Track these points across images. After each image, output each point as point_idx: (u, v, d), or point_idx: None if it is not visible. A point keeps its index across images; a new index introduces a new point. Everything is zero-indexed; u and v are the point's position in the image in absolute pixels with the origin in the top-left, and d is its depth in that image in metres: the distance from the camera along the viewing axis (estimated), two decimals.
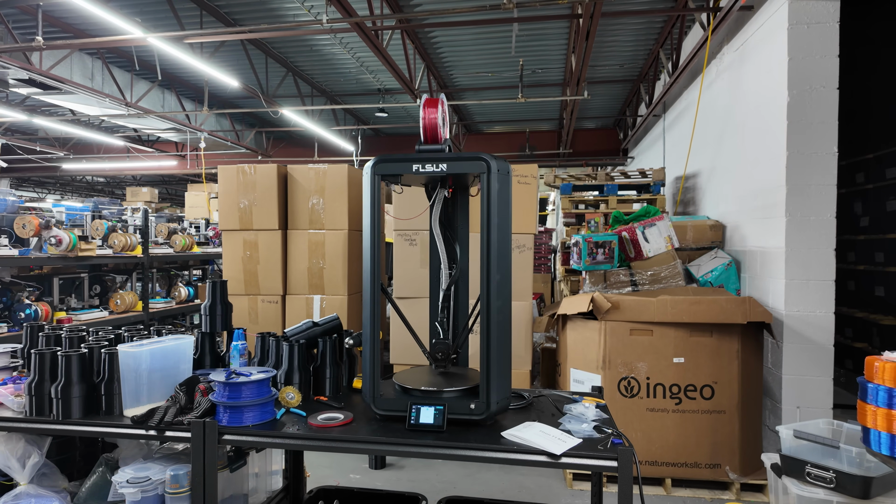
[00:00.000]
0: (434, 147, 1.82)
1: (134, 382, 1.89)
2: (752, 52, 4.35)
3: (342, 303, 4.00)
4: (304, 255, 4.05)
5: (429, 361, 2.01)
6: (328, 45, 7.27)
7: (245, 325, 4.10)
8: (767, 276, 3.99)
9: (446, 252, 1.95)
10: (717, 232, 4.92)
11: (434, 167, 1.75)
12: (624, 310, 3.40)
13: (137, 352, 1.87)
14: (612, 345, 3.42)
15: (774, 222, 3.86)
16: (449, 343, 1.95)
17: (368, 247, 1.81)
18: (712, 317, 3.26)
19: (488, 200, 1.73)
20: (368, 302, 1.81)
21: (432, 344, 1.97)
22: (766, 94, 4.03)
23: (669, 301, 3.33)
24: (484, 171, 1.73)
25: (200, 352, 2.36)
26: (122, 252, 5.76)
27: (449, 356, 1.95)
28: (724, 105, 4.98)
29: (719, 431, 3.35)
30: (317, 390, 2.13)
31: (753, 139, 4.27)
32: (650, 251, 4.72)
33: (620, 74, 8.16)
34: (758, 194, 4.16)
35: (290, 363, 2.06)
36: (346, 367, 2.28)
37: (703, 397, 3.36)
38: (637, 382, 3.40)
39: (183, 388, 1.93)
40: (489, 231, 1.73)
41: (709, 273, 4.57)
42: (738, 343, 3.34)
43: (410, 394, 1.85)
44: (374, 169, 1.78)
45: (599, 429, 1.75)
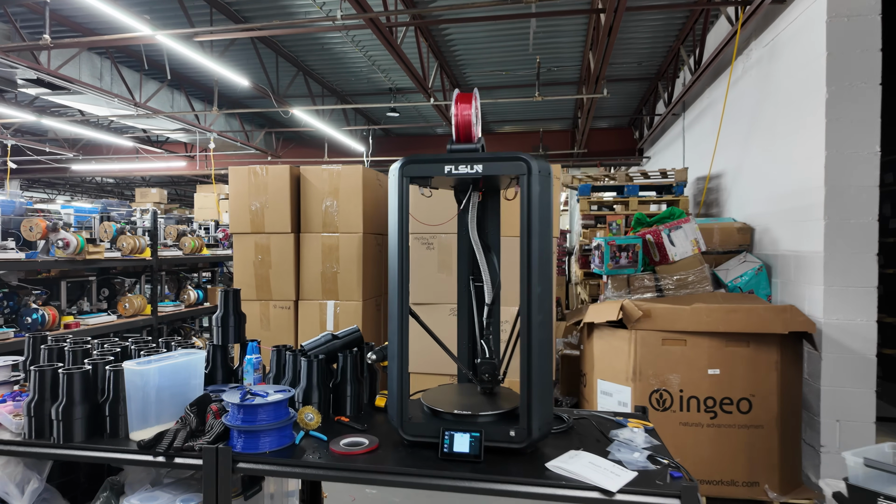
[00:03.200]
0: (468, 146, 1.66)
1: (141, 402, 1.74)
2: (783, 48, 4.16)
3: (357, 309, 3.85)
4: (318, 259, 3.91)
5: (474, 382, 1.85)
6: (340, 44, 7.14)
7: (256, 331, 3.96)
8: (803, 282, 3.80)
9: (486, 262, 1.79)
10: (745, 235, 4.73)
11: (468, 169, 1.58)
12: (656, 318, 3.22)
13: (145, 370, 1.73)
14: (643, 355, 3.24)
15: (811, 225, 3.66)
16: (495, 363, 1.78)
17: (395, 255, 1.65)
18: (750, 326, 3.08)
19: (529, 205, 1.56)
20: (396, 315, 1.65)
21: (477, 364, 1.80)
22: (800, 90, 3.84)
23: (704, 309, 3.15)
24: (524, 173, 1.56)
25: (212, 365, 2.21)
26: (130, 255, 5.64)
27: (497, 377, 1.79)
28: (752, 103, 4.78)
29: (757, 447, 3.17)
30: (337, 410, 1.98)
31: (786, 138, 4.08)
32: (676, 255, 4.53)
33: (637, 72, 7.96)
34: (791, 196, 3.97)
35: (309, 380, 1.91)
36: (367, 383, 2.12)
37: (739, 411, 3.18)
38: (669, 395, 3.22)
39: (194, 408, 1.78)
40: (530, 238, 1.56)
41: (738, 278, 4.38)
42: (777, 353, 3.15)
43: (441, 417, 1.69)
44: (403, 171, 1.62)
45: (654, 459, 1.58)
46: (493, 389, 1.83)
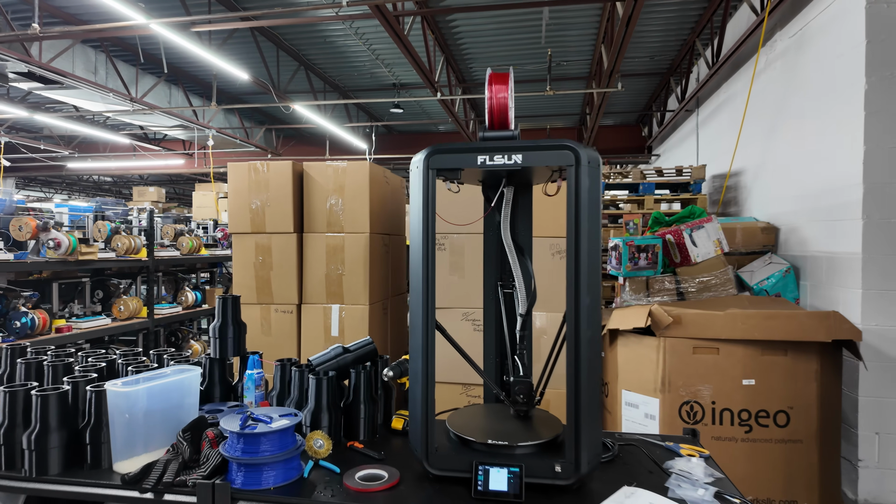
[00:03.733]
0: (503, 134, 1.43)
1: (126, 429, 1.51)
2: (814, 37, 3.93)
3: (363, 313, 3.63)
4: (322, 261, 3.68)
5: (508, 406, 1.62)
6: (342, 37, 6.90)
7: (257, 337, 3.74)
8: (836, 285, 3.58)
9: (521, 268, 1.56)
10: (770, 235, 4.51)
11: (505, 159, 1.36)
12: (686, 325, 3.00)
13: (131, 392, 1.50)
14: (673, 364, 3.02)
15: (847, 225, 3.44)
16: (531, 382, 1.56)
17: (419, 260, 1.43)
18: (790, 333, 2.86)
19: (577, 201, 1.34)
20: (420, 328, 1.43)
21: (509, 383, 1.58)
22: (834, 82, 3.61)
23: (740, 315, 2.92)
24: (571, 164, 1.34)
25: (209, 381, 1.99)
26: (125, 255, 5.42)
27: (533, 399, 1.56)
28: (777, 96, 4.55)
29: (795, 463, 2.95)
30: (349, 433, 1.76)
31: (817, 133, 3.85)
32: (698, 256, 4.31)
33: (648, 67, 7.73)
34: (824, 193, 3.74)
35: (318, 401, 1.69)
36: (382, 401, 1.90)
37: (776, 424, 2.96)
38: (701, 407, 3.00)
39: (187, 434, 1.55)
40: (577, 241, 1.34)
41: (764, 280, 4.16)
42: (817, 363, 2.93)
43: (472, 447, 1.47)
44: (428, 162, 1.39)
45: (721, 497, 1.36)
46: (528, 413, 1.60)
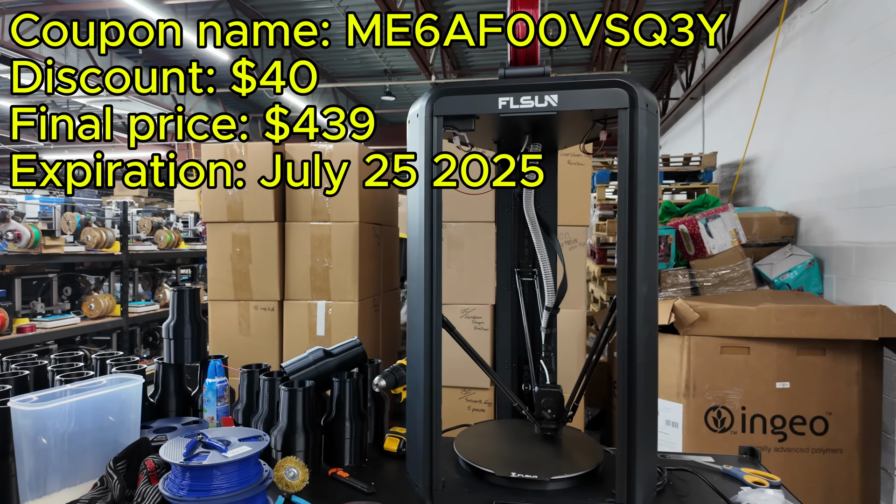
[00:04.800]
0: (532, 70, 1.09)
1: (37, 458, 1.16)
2: (842, 9, 3.63)
3: (352, 310, 3.28)
4: (306, 253, 3.33)
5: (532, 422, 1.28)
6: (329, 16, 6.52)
7: (235, 337, 3.38)
8: (869, 278, 3.28)
9: (547, 251, 1.22)
10: (789, 225, 4.21)
11: (536, 101, 1.02)
12: (713, 322, 2.68)
13: (41, 410, 1.15)
14: (698, 366, 2.70)
15: (884, 212, 3.14)
16: (562, 394, 1.23)
17: (421, 238, 1.09)
18: (831, 331, 2.55)
19: (632, 157, 1.00)
20: (421, 328, 1.09)
21: (536, 394, 1.24)
22: (866, 57, 3.31)
23: (774, 311, 2.61)
24: (625, 107, 1.00)
25: (162, 392, 1.64)
26: (96, 249, 5.02)
27: (565, 415, 1.23)
28: (797, 78, 4.25)
29: (835, 475, 2.64)
30: (331, 458, 1.41)
31: (846, 114, 3.55)
32: (714, 248, 4.01)
33: (650, 53, 7.43)
34: (854, 179, 3.44)
35: (292, 419, 1.34)
36: (373, 416, 1.56)
37: (813, 432, 2.65)
38: (729, 413, 2.69)
39: (121, 465, 1.20)
40: (633, 210, 1.00)
41: (786, 273, 3.86)
42: (859, 363, 2.63)
43: (488, 480, 1.13)
44: (433, 106, 1.05)
45: None
46: (556, 432, 1.27)
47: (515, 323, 1.44)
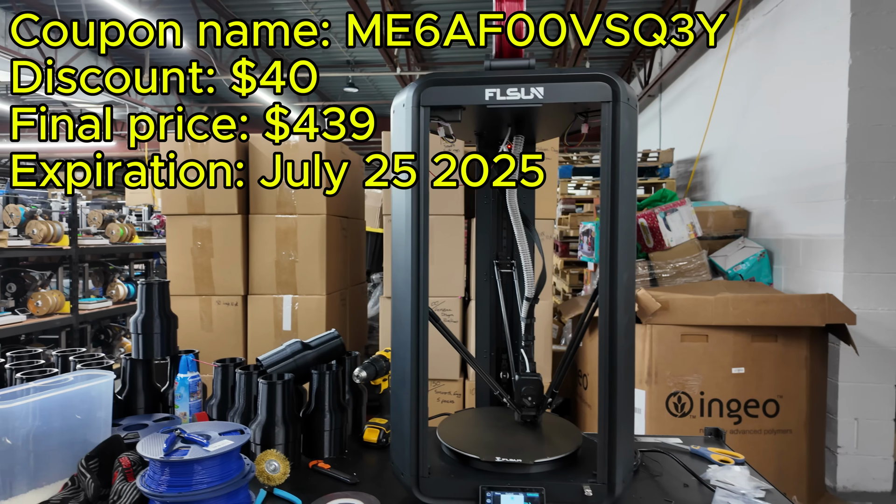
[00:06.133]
0: (517, 63, 1.11)
1: (1, 460, 1.11)
2: (792, 13, 3.81)
3: (319, 304, 3.24)
4: (271, 246, 3.26)
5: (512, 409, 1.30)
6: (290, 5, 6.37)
7: (196, 333, 3.28)
8: (815, 269, 3.47)
9: (527, 242, 1.25)
10: (742, 219, 4.41)
11: (523, 93, 1.04)
12: (674, 311, 2.79)
13: (5, 409, 1.10)
14: (660, 354, 2.80)
15: (828, 206, 3.33)
16: (541, 381, 1.25)
17: (408, 228, 1.09)
18: (784, 318, 2.69)
19: (613, 149, 1.04)
20: (408, 318, 1.09)
21: (516, 382, 1.26)
22: (814, 58, 3.49)
23: (731, 300, 2.73)
24: (608, 100, 1.03)
25: (131, 388, 1.58)
26: (43, 243, 4.78)
27: (544, 402, 1.26)
28: (750, 77, 4.44)
29: (785, 454, 2.80)
30: (311, 451, 1.40)
31: (795, 112, 3.74)
32: (672, 240, 4.15)
33: (609, 51, 7.59)
34: (802, 174, 3.63)
35: (271, 412, 1.32)
36: (352, 408, 1.55)
37: (766, 414, 2.80)
38: (689, 398, 2.80)
39: (93, 463, 1.16)
40: (614, 200, 1.04)
41: (739, 265, 4.04)
42: (807, 349, 2.79)
43: (473, 466, 1.15)
44: (420, 96, 1.05)
45: None
46: (536, 419, 1.30)
47: (494, 313, 1.46)
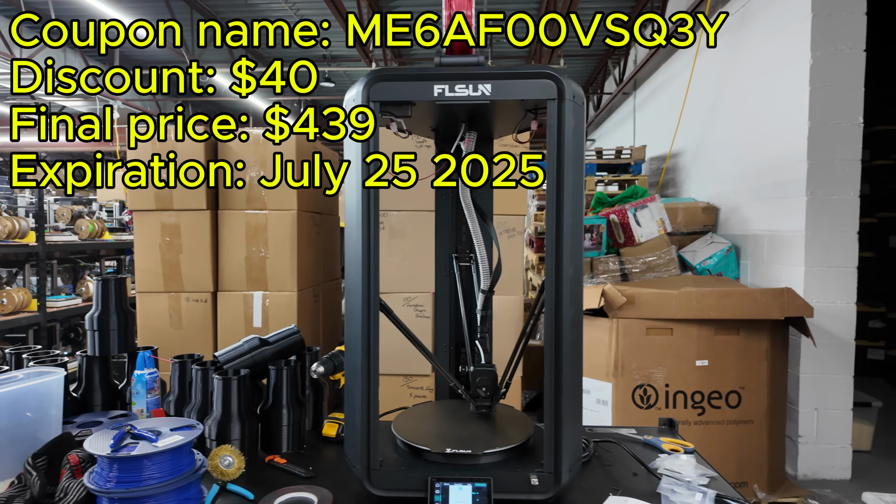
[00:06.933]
0: (466, 60, 1.12)
1: None
2: (757, 13, 3.89)
3: (290, 301, 3.23)
4: (241, 242, 3.24)
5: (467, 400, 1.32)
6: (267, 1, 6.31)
7: (165, 330, 3.25)
8: (778, 263, 3.56)
9: (482, 236, 1.26)
10: (710, 215, 4.50)
11: (470, 90, 1.05)
12: (640, 305, 2.84)
13: None
14: (626, 347, 2.86)
15: (790, 202, 3.42)
16: (495, 372, 1.27)
17: (358, 220, 1.10)
18: (745, 312, 2.76)
19: (559, 146, 1.06)
20: (359, 312, 1.10)
21: (471, 374, 1.28)
22: (778, 58, 3.57)
23: (695, 294, 2.80)
24: (553, 98, 1.05)
25: (87, 385, 1.57)
26: (8, 240, 4.67)
27: (499, 392, 1.28)
28: (718, 76, 4.53)
29: (746, 444, 2.88)
30: (268, 446, 1.40)
31: (759, 111, 3.82)
32: (642, 236, 4.22)
33: (584, 49, 7.66)
34: (766, 171, 3.72)
35: (226, 407, 1.32)
36: (311, 403, 1.56)
37: (728, 405, 2.87)
38: (654, 391, 2.86)
39: (41, 460, 1.15)
40: (559, 195, 1.06)
41: (707, 260, 4.12)
42: (768, 341, 2.87)
43: (425, 458, 1.16)
44: (370, 92, 1.06)
45: (721, 500, 1.14)
46: (491, 410, 1.32)
47: (453, 307, 1.48)
